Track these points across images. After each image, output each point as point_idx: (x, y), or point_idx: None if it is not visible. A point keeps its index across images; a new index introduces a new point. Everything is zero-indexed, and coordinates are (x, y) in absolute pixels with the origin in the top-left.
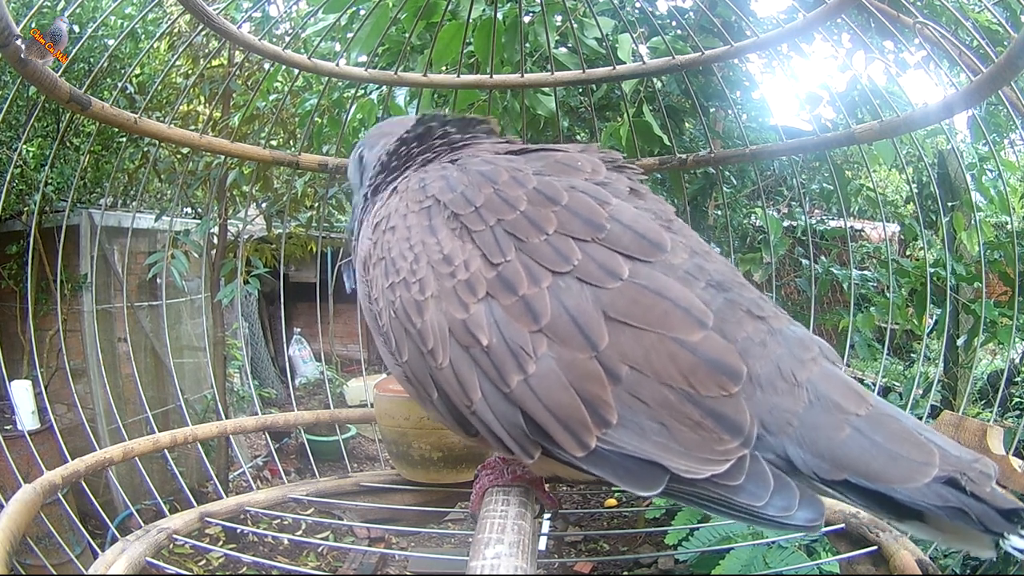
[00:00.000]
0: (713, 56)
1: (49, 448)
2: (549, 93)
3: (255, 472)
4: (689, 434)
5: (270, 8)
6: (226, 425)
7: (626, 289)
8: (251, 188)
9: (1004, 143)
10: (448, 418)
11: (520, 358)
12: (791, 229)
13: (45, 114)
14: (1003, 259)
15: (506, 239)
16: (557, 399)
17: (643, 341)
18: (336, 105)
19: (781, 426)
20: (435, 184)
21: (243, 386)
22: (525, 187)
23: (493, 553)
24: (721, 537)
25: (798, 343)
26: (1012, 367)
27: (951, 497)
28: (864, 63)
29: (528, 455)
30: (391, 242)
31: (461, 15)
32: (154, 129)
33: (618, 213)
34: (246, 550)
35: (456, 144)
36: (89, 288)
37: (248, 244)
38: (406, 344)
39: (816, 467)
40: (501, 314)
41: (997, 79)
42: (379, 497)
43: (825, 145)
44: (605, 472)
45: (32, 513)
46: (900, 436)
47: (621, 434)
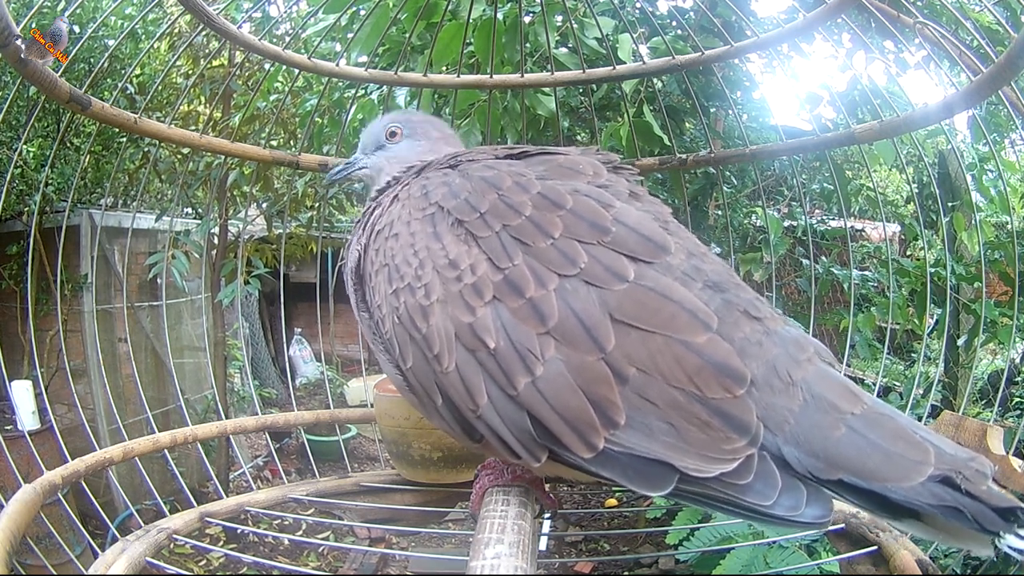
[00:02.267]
0: (713, 56)
1: (49, 448)
2: (549, 93)
3: (255, 472)
4: (697, 433)
5: (270, 8)
6: (226, 425)
7: (632, 291)
8: (251, 188)
9: (1004, 143)
10: (453, 424)
11: (528, 360)
12: (791, 229)
13: (45, 114)
14: (1003, 259)
15: (512, 244)
16: (565, 401)
17: (650, 343)
18: (336, 105)
19: (778, 424)
20: (438, 191)
21: (243, 386)
22: (529, 192)
23: (493, 553)
24: (722, 537)
25: (793, 343)
26: (1012, 367)
27: (946, 496)
28: (864, 63)
29: (535, 459)
30: (394, 249)
31: (461, 15)
32: (154, 129)
33: (622, 216)
34: (246, 550)
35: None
36: (89, 288)
37: (248, 244)
38: (410, 350)
39: (811, 466)
40: (508, 317)
41: (997, 79)
42: (379, 497)
43: (825, 145)
44: (614, 473)
45: (32, 513)
46: (895, 435)
47: (629, 435)
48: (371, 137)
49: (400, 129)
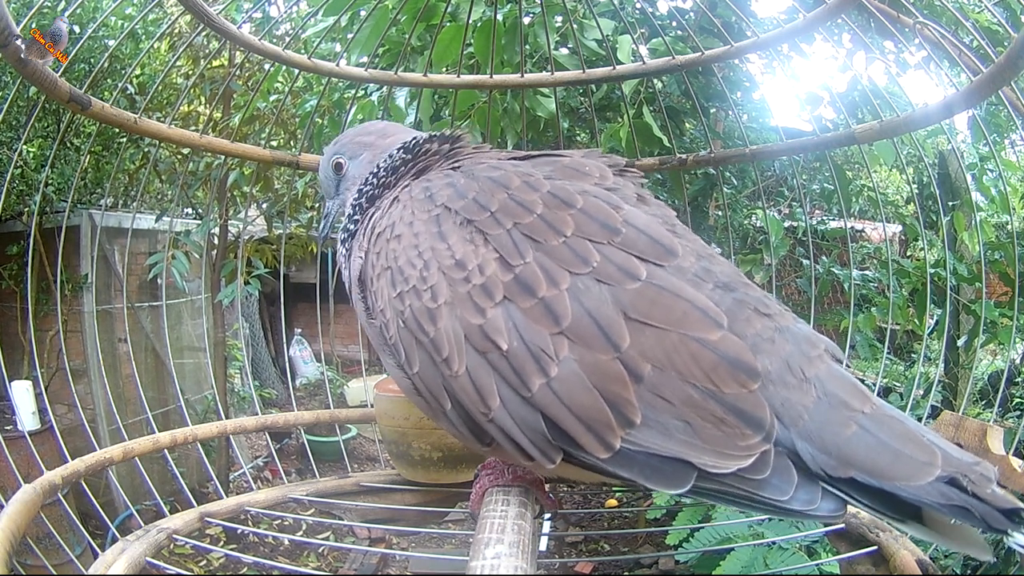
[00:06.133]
0: (713, 56)
1: (49, 448)
2: (549, 94)
3: (255, 472)
4: (713, 430)
5: (270, 9)
6: (226, 425)
7: (645, 290)
8: (252, 188)
9: (1004, 143)
10: (462, 429)
11: (542, 361)
12: (792, 230)
13: (45, 114)
14: (1004, 259)
15: (524, 242)
16: (580, 401)
17: (664, 341)
18: (337, 106)
19: (793, 419)
20: (443, 192)
21: (243, 386)
22: (539, 191)
23: (493, 553)
24: (722, 537)
25: (805, 340)
26: (1012, 367)
27: (954, 496)
28: (864, 63)
29: (550, 460)
30: (397, 251)
31: (461, 17)
32: (154, 129)
33: (631, 218)
34: (247, 550)
35: (450, 153)
36: (89, 288)
37: (249, 245)
38: (417, 354)
39: (824, 463)
40: (520, 317)
41: (997, 79)
42: (379, 497)
43: (825, 145)
44: (631, 472)
45: (32, 513)
46: (904, 436)
47: (645, 433)
48: (326, 182)
49: (341, 159)
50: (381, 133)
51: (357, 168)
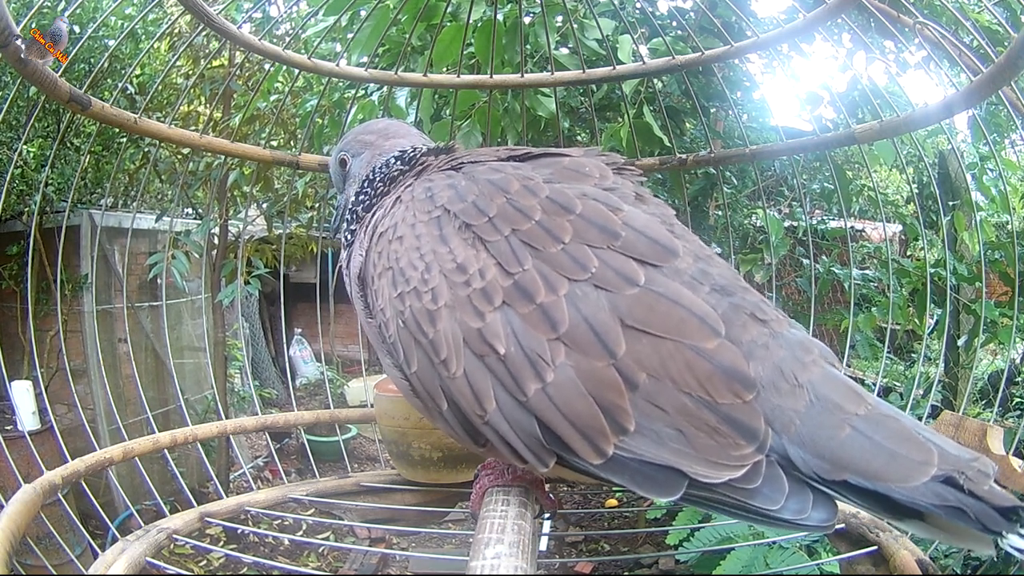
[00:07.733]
0: (713, 56)
1: (49, 448)
2: (549, 94)
3: (255, 472)
4: (706, 440)
5: (270, 9)
6: (226, 425)
7: (643, 296)
8: (252, 188)
9: (1004, 143)
10: (458, 429)
11: (538, 366)
12: (792, 229)
13: (45, 114)
14: (1004, 259)
15: (522, 248)
16: (575, 407)
17: (660, 349)
18: (337, 106)
19: (785, 425)
20: (444, 194)
21: (243, 386)
22: (538, 196)
23: (493, 553)
24: (722, 537)
25: (799, 345)
26: (1012, 367)
27: (949, 496)
28: (864, 63)
29: (543, 464)
30: (399, 252)
31: (461, 17)
32: (154, 129)
33: (631, 219)
34: (247, 550)
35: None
36: (89, 288)
37: (249, 244)
38: (415, 355)
39: (817, 467)
40: (518, 322)
41: (997, 79)
42: (379, 497)
43: (825, 145)
44: (623, 479)
45: (32, 513)
46: (899, 435)
47: (638, 441)
48: (335, 177)
49: (345, 155)
50: (382, 132)
51: (358, 166)
